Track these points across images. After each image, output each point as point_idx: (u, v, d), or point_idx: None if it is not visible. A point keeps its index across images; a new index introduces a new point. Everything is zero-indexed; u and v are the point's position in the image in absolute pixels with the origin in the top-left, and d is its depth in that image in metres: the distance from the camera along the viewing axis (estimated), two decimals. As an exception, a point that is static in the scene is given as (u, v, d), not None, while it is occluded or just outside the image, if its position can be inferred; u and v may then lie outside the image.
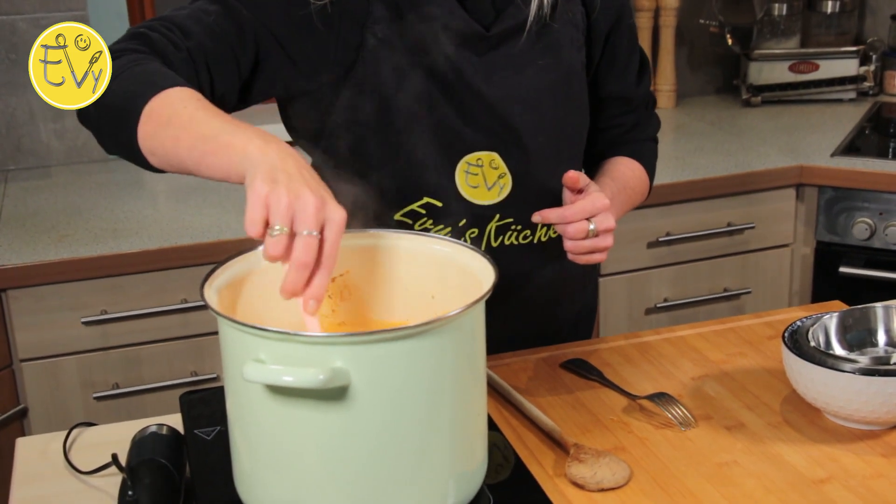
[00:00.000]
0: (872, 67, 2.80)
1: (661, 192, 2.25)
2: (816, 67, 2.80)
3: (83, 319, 1.96)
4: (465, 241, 1.31)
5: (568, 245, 1.24)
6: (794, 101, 2.83)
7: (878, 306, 1.23)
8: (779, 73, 2.81)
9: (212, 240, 2.00)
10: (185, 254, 1.99)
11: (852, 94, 2.81)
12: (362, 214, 1.25)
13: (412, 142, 1.28)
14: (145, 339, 2.02)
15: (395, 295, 1.14)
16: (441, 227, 1.32)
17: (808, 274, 2.43)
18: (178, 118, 1.01)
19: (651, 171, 1.52)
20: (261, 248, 1.10)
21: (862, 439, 1.14)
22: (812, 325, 1.20)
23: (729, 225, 2.35)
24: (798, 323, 1.22)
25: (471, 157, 1.30)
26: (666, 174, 2.30)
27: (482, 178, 1.31)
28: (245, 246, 1.11)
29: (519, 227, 1.34)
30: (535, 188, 1.33)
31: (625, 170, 1.45)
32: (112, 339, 1.99)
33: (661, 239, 2.30)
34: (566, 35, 1.33)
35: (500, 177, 1.32)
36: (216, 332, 0.99)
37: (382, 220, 1.29)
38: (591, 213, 1.22)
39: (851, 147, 2.44)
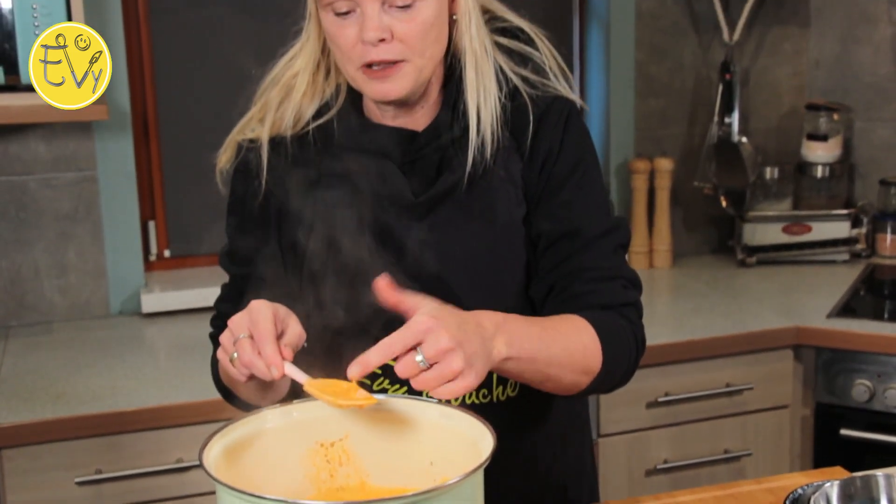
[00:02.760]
0: (864, 230, 2.86)
1: (659, 352, 2.26)
2: (809, 229, 2.86)
3: (77, 480, 1.93)
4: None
5: (415, 385, 1.06)
6: (789, 262, 2.87)
7: (880, 475, 1.22)
8: (772, 234, 2.86)
9: (210, 398, 2.00)
10: (184, 412, 1.98)
11: (845, 256, 2.85)
12: (323, 376, 1.27)
13: (361, 304, 1.29)
14: (140, 500, 1.98)
15: (394, 461, 1.13)
16: (397, 386, 1.32)
17: (808, 436, 2.41)
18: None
19: (606, 337, 1.27)
20: (262, 411, 1.12)
21: None
22: (813, 493, 1.19)
23: (728, 385, 2.35)
24: (800, 490, 1.21)
25: None
26: (664, 334, 2.31)
27: None
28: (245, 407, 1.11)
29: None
30: None
31: (552, 317, 1.28)
32: (106, 499, 1.96)
33: (660, 399, 2.30)
34: (503, 193, 1.32)
35: None
36: (212, 493, 0.99)
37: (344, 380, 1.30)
38: (411, 341, 1.05)
39: (847, 308, 2.46)
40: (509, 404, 1.35)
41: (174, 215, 2.66)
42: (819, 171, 2.91)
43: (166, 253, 2.67)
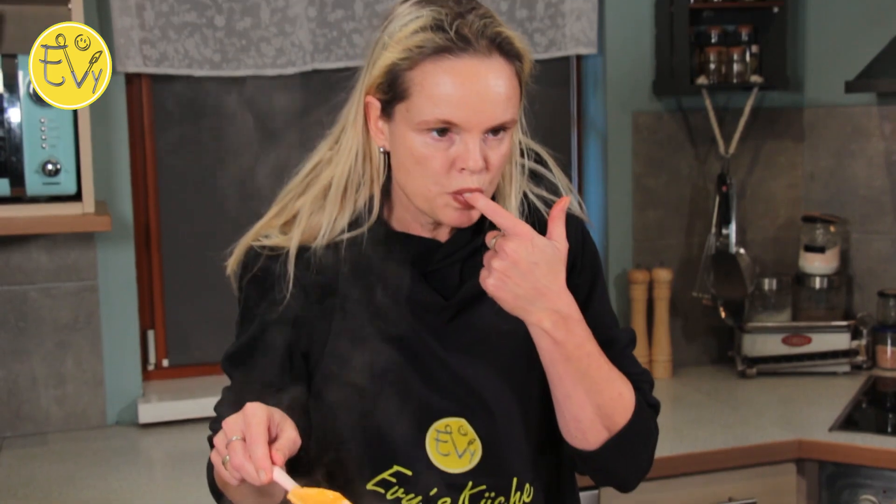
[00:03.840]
0: (864, 342, 2.85)
1: (660, 466, 2.22)
2: (809, 340, 2.85)
3: None
4: None
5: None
6: (790, 373, 2.86)
7: None
8: (772, 345, 2.86)
9: (206, 512, 1.97)
10: (178, 527, 1.95)
11: (846, 368, 2.84)
12: (336, 484, 1.26)
13: (380, 411, 1.30)
14: None
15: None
16: (412, 496, 1.31)
17: (815, 553, 2.37)
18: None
19: (639, 408, 1.34)
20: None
21: None
22: None
23: (730, 500, 2.31)
24: None
25: (439, 425, 1.32)
26: (664, 447, 2.28)
27: (452, 445, 1.31)
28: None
29: (493, 495, 1.33)
30: (506, 453, 1.33)
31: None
32: None
33: (662, 514, 2.26)
34: None
35: (470, 443, 1.32)
36: None
37: (355, 489, 1.29)
38: (504, 228, 1.21)
39: (849, 421, 2.45)
40: None
41: (174, 325, 2.66)
42: (817, 283, 2.93)
43: (165, 362, 2.66)
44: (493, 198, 1.33)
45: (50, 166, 2.11)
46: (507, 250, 1.20)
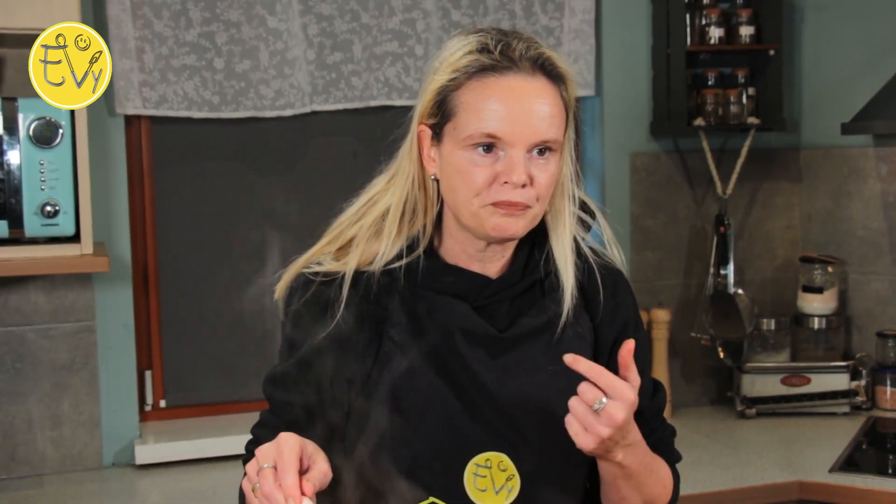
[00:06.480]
0: (863, 382, 2.85)
1: (660, 509, 2.22)
2: (808, 381, 2.85)
3: None
4: None
5: (571, 403, 1.21)
6: (789, 413, 2.85)
7: None
8: (771, 385, 2.85)
9: (201, 556, 1.95)
10: (173, 571, 1.94)
11: (846, 408, 2.84)
12: None
13: (420, 441, 1.30)
14: None
15: None
16: None
17: None
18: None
19: (675, 492, 1.43)
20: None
21: None
22: None
23: (731, 543, 2.30)
24: None
25: (479, 458, 1.31)
26: (664, 489, 2.27)
27: (490, 480, 1.31)
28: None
29: None
30: (544, 492, 1.33)
31: (657, 456, 1.41)
32: None
33: (662, 557, 2.24)
34: (576, 346, 1.36)
35: (509, 479, 1.32)
36: None
37: None
38: (609, 389, 1.18)
39: (850, 462, 2.43)
40: None
41: (171, 365, 2.66)
42: (816, 323, 2.93)
43: (162, 403, 2.65)
44: (545, 231, 1.36)
45: (49, 208, 2.11)
46: (619, 419, 1.19)
